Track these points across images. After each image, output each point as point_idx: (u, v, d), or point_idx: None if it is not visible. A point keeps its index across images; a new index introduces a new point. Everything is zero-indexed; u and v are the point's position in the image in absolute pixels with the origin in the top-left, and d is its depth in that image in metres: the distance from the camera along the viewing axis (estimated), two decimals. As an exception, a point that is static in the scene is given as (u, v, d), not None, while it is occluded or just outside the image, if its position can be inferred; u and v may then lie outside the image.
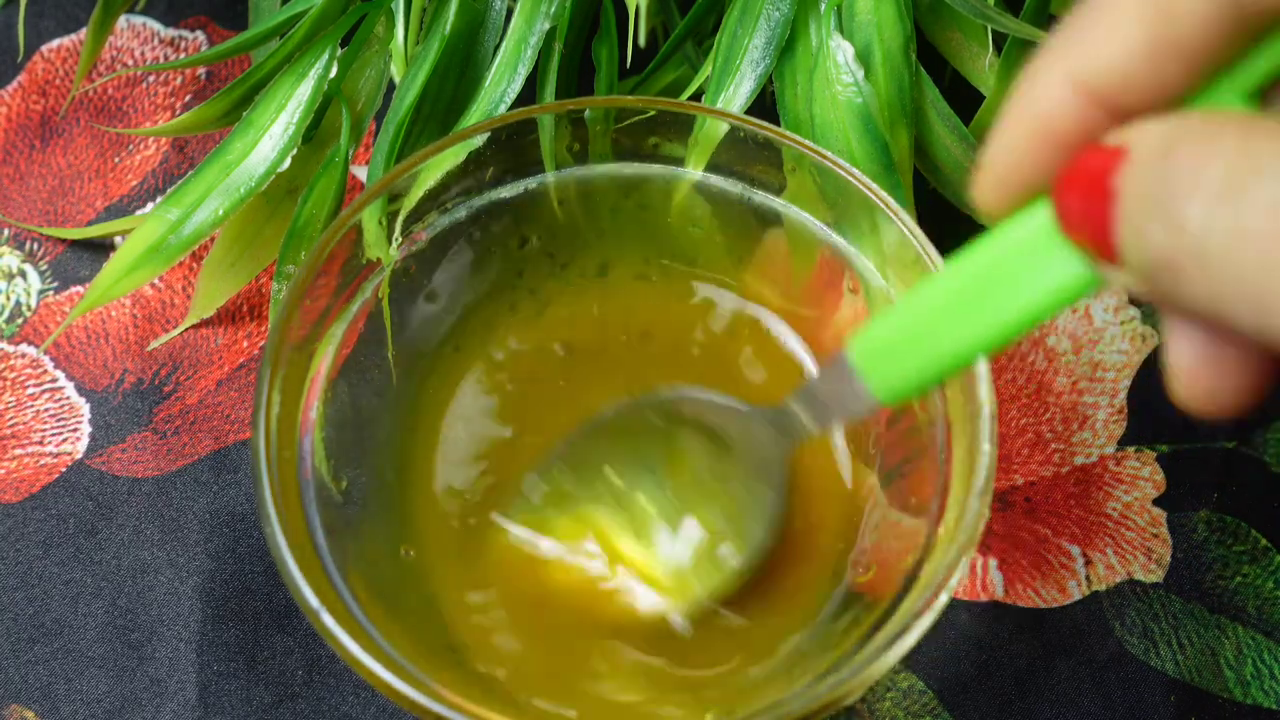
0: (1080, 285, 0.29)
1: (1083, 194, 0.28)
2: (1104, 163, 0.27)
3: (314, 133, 0.47)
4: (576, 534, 0.42)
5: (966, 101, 0.48)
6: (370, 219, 0.42)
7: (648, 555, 0.42)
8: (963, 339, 0.32)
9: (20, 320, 0.50)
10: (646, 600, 0.41)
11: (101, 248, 0.51)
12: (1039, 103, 0.29)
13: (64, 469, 0.48)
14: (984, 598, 0.46)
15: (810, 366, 0.44)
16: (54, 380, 0.49)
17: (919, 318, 0.33)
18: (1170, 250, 0.26)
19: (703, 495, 0.43)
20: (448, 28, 0.46)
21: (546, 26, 0.46)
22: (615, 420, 0.43)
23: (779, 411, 0.40)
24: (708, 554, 0.42)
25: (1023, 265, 0.30)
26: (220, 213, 0.46)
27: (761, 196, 0.44)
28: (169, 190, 0.52)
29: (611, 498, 0.43)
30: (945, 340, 0.32)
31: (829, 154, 0.42)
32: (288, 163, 0.46)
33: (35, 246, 0.51)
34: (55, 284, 0.50)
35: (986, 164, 0.30)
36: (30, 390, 0.49)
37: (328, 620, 0.37)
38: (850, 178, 0.42)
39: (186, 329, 0.49)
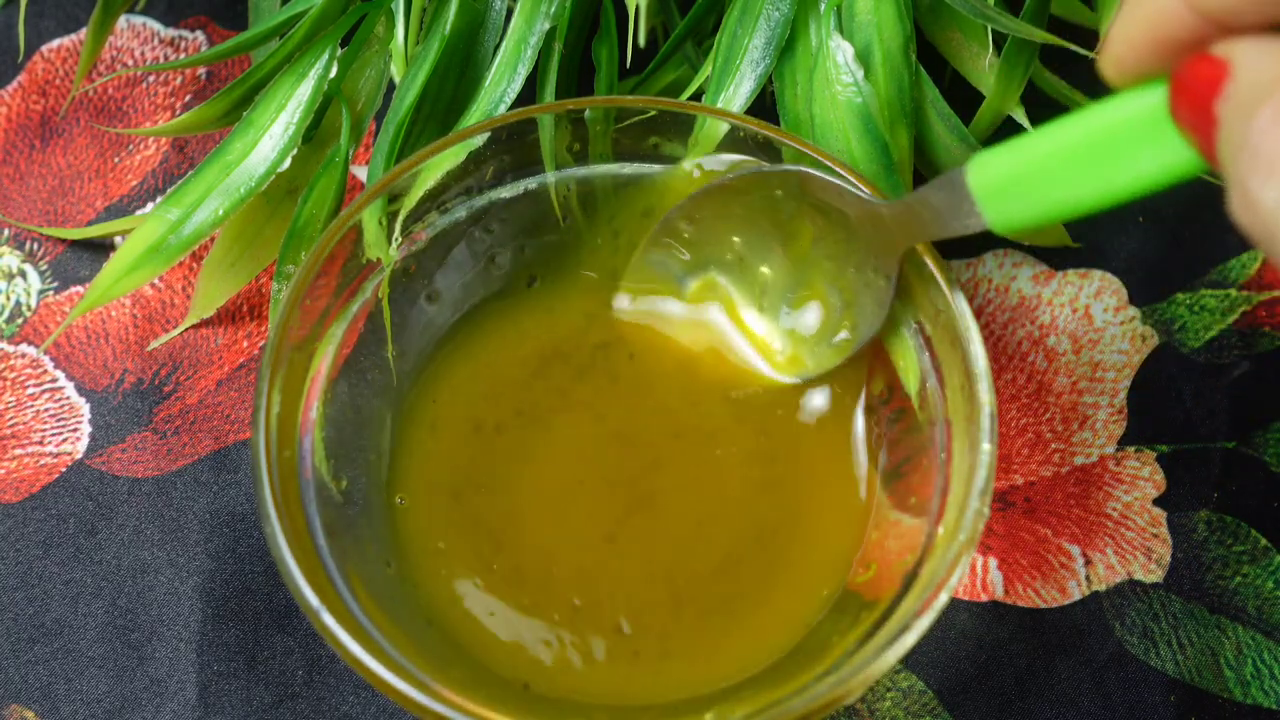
0: (1192, 166, 0.31)
1: (1191, 108, 0.29)
2: (1209, 81, 0.28)
3: (314, 133, 0.47)
4: (695, 293, 0.45)
5: (966, 101, 0.48)
6: (370, 219, 0.42)
7: (762, 317, 0.44)
8: (1078, 192, 0.33)
9: (20, 320, 0.50)
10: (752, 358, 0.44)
11: (101, 248, 0.51)
12: (1151, 7, 0.29)
13: (64, 469, 0.48)
14: (984, 598, 0.46)
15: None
16: (54, 380, 0.49)
17: (1039, 161, 0.34)
18: (1247, 218, 0.26)
19: (818, 270, 0.44)
20: (448, 28, 0.46)
21: (546, 26, 0.46)
22: (738, 184, 0.44)
23: (897, 207, 0.41)
24: (821, 326, 0.44)
25: (1142, 136, 0.31)
26: (220, 213, 0.46)
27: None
28: (169, 190, 0.51)
29: (730, 258, 0.45)
30: (1061, 190, 0.34)
31: (829, 155, 0.42)
32: (288, 163, 0.46)
33: (35, 246, 0.51)
34: (55, 284, 0.50)
35: (1106, 45, 0.31)
36: (30, 390, 0.49)
37: (328, 620, 0.37)
38: (850, 178, 0.42)
39: (186, 329, 0.49)
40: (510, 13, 0.47)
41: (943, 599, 0.37)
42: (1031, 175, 0.35)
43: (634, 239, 0.46)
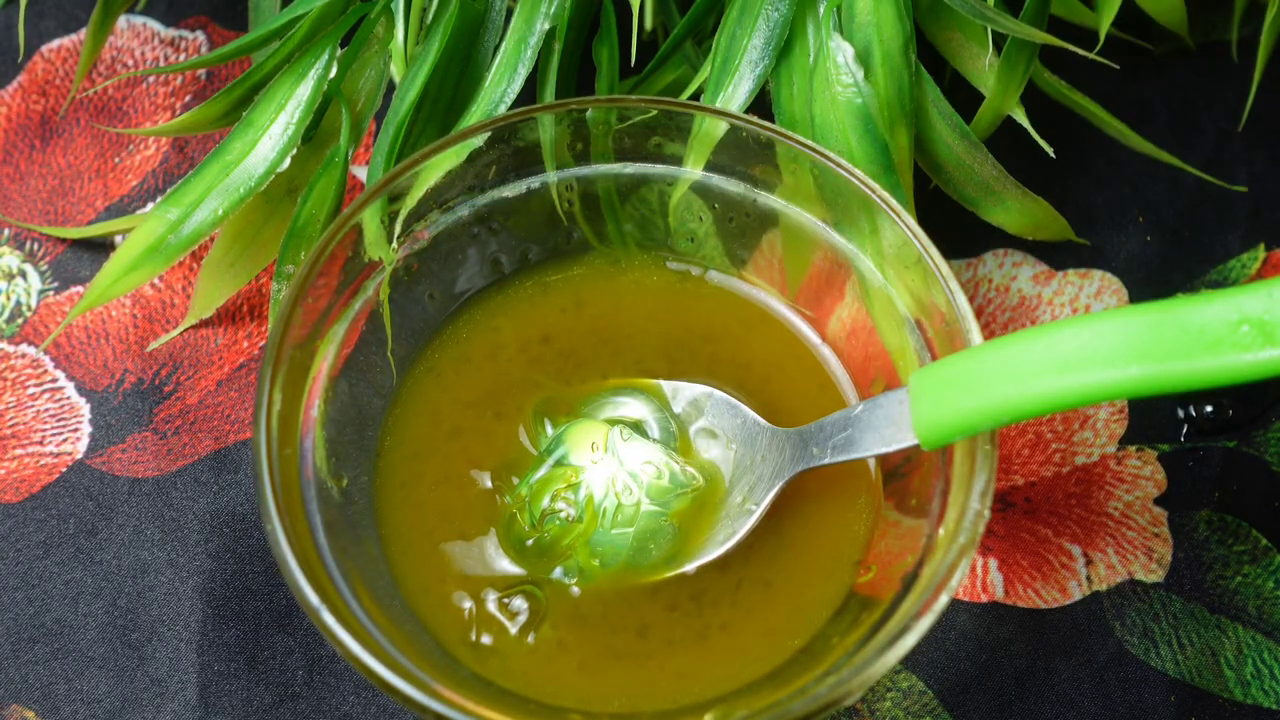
0: None
1: None
2: None
3: (314, 133, 0.47)
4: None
5: (967, 101, 0.48)
6: (371, 219, 0.42)
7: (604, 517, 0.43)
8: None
9: (20, 320, 0.50)
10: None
11: (101, 248, 0.51)
12: None
13: (64, 469, 0.48)
14: (984, 598, 0.46)
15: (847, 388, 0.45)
16: (54, 380, 0.49)
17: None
18: None
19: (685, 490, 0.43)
20: (447, 28, 0.46)
21: (546, 26, 0.46)
22: (647, 387, 0.44)
23: (798, 434, 0.41)
24: (654, 540, 0.43)
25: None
26: (220, 212, 0.46)
27: (764, 197, 0.44)
28: (169, 190, 0.51)
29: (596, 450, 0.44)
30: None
31: (830, 153, 0.42)
32: (287, 163, 0.46)
33: (35, 246, 0.51)
34: (55, 284, 0.50)
35: None
36: (30, 390, 0.49)
37: (328, 618, 0.37)
38: (851, 178, 0.42)
39: (186, 329, 0.49)
40: (510, 12, 0.47)
41: (943, 600, 0.37)
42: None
43: (638, 239, 0.46)
